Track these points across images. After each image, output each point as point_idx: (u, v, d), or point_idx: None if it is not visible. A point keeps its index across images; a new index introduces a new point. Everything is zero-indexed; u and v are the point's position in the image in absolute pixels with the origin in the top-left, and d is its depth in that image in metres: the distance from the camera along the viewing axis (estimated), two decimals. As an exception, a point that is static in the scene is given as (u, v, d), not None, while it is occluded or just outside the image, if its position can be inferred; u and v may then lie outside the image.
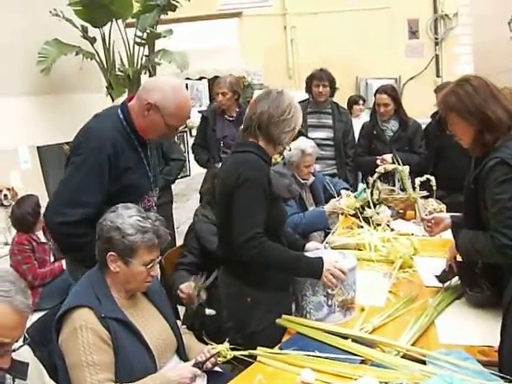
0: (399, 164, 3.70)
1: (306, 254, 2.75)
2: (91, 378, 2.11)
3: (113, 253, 2.26)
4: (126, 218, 2.27)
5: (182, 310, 3.58)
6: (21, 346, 1.75)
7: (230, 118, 5.12)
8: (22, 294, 1.66)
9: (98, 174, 2.57)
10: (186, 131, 9.25)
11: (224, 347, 2.32)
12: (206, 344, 2.44)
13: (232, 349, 2.34)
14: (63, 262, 4.28)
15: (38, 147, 6.64)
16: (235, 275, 2.68)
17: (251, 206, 2.53)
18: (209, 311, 3.43)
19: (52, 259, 4.49)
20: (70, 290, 2.37)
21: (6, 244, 4.83)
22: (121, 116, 2.68)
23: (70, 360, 2.16)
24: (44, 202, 5.06)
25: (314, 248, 2.77)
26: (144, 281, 2.33)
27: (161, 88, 2.63)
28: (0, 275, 1.66)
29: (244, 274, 2.63)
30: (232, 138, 4.98)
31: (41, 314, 2.62)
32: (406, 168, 3.99)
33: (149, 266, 2.30)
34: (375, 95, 5.03)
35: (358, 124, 6.20)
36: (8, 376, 1.71)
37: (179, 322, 2.66)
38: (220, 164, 2.86)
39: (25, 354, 1.83)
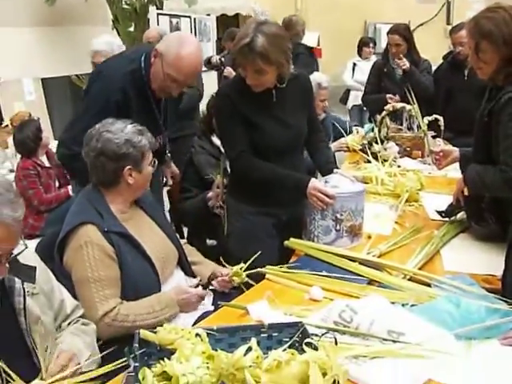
0: (411, 96, 3.67)
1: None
2: (98, 293, 2.14)
3: (129, 166, 2.27)
4: (125, 129, 2.27)
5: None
6: (23, 250, 1.73)
7: None
8: (9, 207, 1.56)
9: (106, 117, 2.56)
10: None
11: (239, 267, 2.36)
12: None
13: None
14: (69, 187, 4.31)
15: (42, 79, 6.58)
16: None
17: (225, 129, 2.72)
18: (210, 242, 3.47)
19: (57, 185, 4.51)
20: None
21: (12, 171, 4.83)
22: (142, 64, 2.70)
23: (76, 276, 2.18)
24: (47, 133, 5.08)
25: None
26: (149, 179, 2.41)
27: (169, 38, 2.70)
28: None
29: (230, 188, 2.92)
30: None
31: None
32: (416, 106, 3.98)
33: (152, 164, 2.37)
34: (388, 35, 4.98)
35: (367, 66, 6.19)
36: (17, 280, 1.73)
37: (184, 241, 2.69)
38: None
39: (31, 257, 1.83)
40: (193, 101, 4.76)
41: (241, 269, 2.37)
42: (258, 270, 2.31)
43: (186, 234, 3.62)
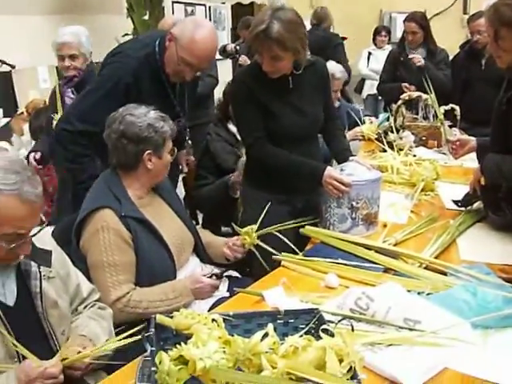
0: (428, 85, 3.65)
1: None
2: (111, 278, 2.16)
3: (149, 150, 2.28)
4: (147, 114, 2.29)
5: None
6: (40, 230, 1.73)
7: None
8: (29, 184, 1.58)
9: (114, 99, 2.62)
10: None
11: (250, 227, 2.40)
12: None
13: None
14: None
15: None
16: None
17: (241, 115, 2.73)
18: (225, 229, 3.48)
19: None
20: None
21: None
22: (156, 49, 2.71)
23: (91, 260, 2.20)
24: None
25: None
26: (168, 169, 2.41)
27: (184, 22, 2.69)
28: (5, 168, 1.57)
29: (246, 175, 2.92)
30: None
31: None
32: (432, 96, 3.95)
33: (172, 152, 2.38)
34: (404, 23, 4.96)
35: (382, 55, 6.17)
36: (33, 263, 1.74)
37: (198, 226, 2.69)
38: None
39: (47, 241, 1.85)
40: (208, 88, 4.76)
41: (252, 229, 2.39)
42: (274, 257, 2.31)
43: (200, 221, 3.64)
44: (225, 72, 6.72)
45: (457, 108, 4.06)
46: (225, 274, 2.41)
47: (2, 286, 1.69)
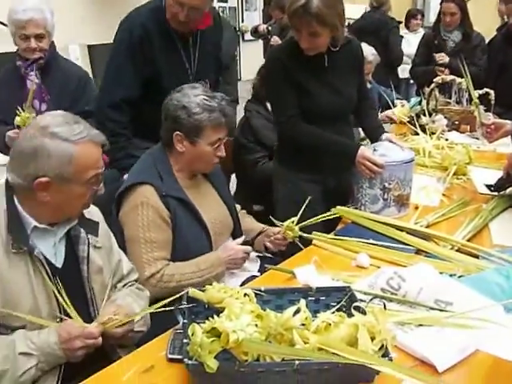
0: (463, 68, 3.59)
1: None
2: (147, 254, 2.16)
3: (179, 132, 2.23)
4: (192, 97, 2.23)
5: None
6: None
7: None
8: (92, 128, 1.70)
9: (133, 57, 2.68)
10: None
11: (291, 221, 2.35)
12: None
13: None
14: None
15: (88, 46, 6.62)
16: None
17: (275, 93, 2.70)
18: (256, 207, 3.47)
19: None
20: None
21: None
22: (163, 3, 2.70)
23: (128, 234, 2.21)
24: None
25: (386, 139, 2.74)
26: (210, 161, 2.32)
27: None
28: (66, 121, 1.66)
29: (278, 153, 2.91)
30: None
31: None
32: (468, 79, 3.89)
33: (215, 146, 2.27)
34: (441, 4, 4.88)
35: (415, 39, 6.10)
36: (82, 230, 1.79)
37: (238, 207, 2.66)
38: None
39: (94, 213, 1.89)
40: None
41: (292, 222, 2.35)
42: (307, 235, 2.30)
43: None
44: (256, 53, 6.70)
45: (491, 92, 3.98)
46: (256, 254, 2.41)
47: (53, 247, 1.73)
